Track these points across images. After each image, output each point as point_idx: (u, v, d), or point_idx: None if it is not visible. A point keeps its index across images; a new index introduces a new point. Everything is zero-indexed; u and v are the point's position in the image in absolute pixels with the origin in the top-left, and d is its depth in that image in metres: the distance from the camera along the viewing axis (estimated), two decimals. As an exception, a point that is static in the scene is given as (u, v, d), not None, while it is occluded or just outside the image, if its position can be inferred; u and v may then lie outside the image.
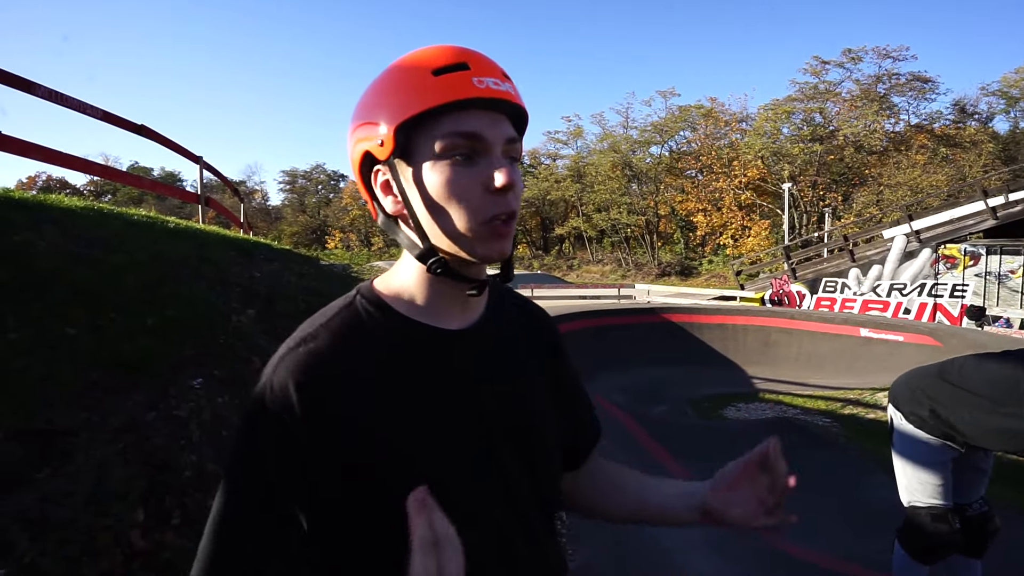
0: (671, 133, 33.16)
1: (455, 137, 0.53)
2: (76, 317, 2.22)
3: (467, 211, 0.54)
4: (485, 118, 0.54)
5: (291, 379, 0.52)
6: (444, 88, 0.52)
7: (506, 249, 0.57)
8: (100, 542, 1.37)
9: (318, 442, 0.52)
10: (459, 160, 0.54)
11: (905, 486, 1.92)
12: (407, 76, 0.54)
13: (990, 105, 28.56)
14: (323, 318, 0.59)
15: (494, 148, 0.54)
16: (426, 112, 0.53)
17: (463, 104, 0.53)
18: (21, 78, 4.17)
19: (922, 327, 8.52)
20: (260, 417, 0.53)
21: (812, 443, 4.65)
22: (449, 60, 0.54)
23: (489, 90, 0.53)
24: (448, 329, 0.60)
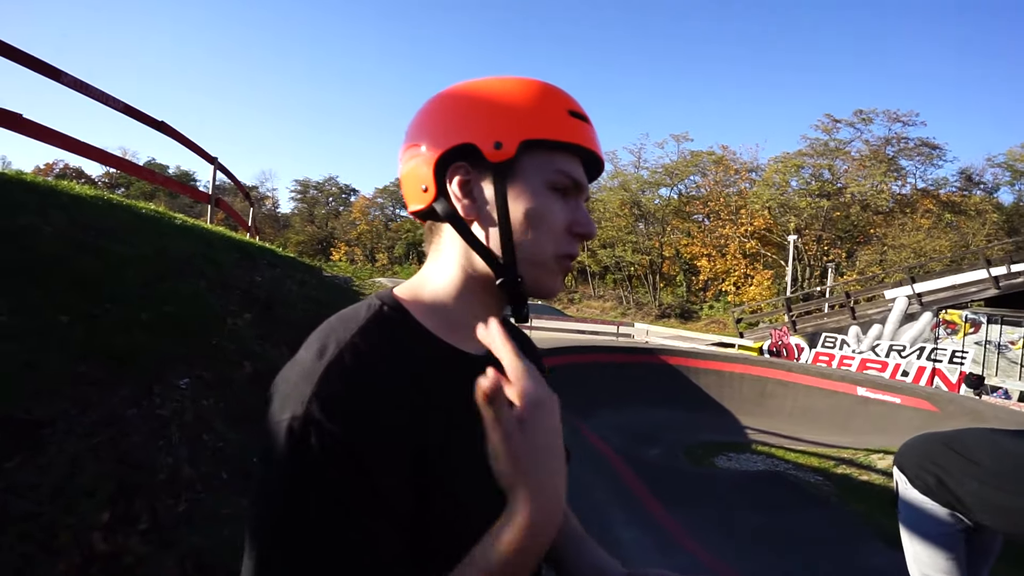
0: (681, 177, 33.69)
1: (567, 176, 0.57)
2: (71, 305, 2.19)
3: (551, 243, 0.57)
4: (585, 171, 0.60)
5: (347, 390, 0.47)
6: (577, 131, 0.57)
7: (561, 289, 0.61)
8: (60, 540, 1.32)
9: (381, 454, 0.47)
10: (558, 195, 0.57)
11: (913, 558, 1.84)
12: (545, 102, 0.57)
13: (995, 176, 29.11)
14: (353, 326, 0.53)
15: (582, 198, 0.60)
16: (559, 143, 0.56)
17: (580, 151, 0.58)
18: (48, 64, 4.26)
19: (920, 391, 8.42)
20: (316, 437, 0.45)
21: (804, 500, 4.54)
22: (577, 108, 0.58)
23: (599, 150, 0.60)
24: (471, 353, 0.58)
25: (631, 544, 3.32)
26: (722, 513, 4.16)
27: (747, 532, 3.76)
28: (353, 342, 0.51)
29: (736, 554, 3.33)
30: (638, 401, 7.73)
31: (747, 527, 3.87)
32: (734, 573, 3.09)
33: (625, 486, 4.46)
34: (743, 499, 4.54)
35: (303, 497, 0.45)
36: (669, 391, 8.41)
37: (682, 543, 3.46)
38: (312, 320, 3.60)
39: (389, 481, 0.47)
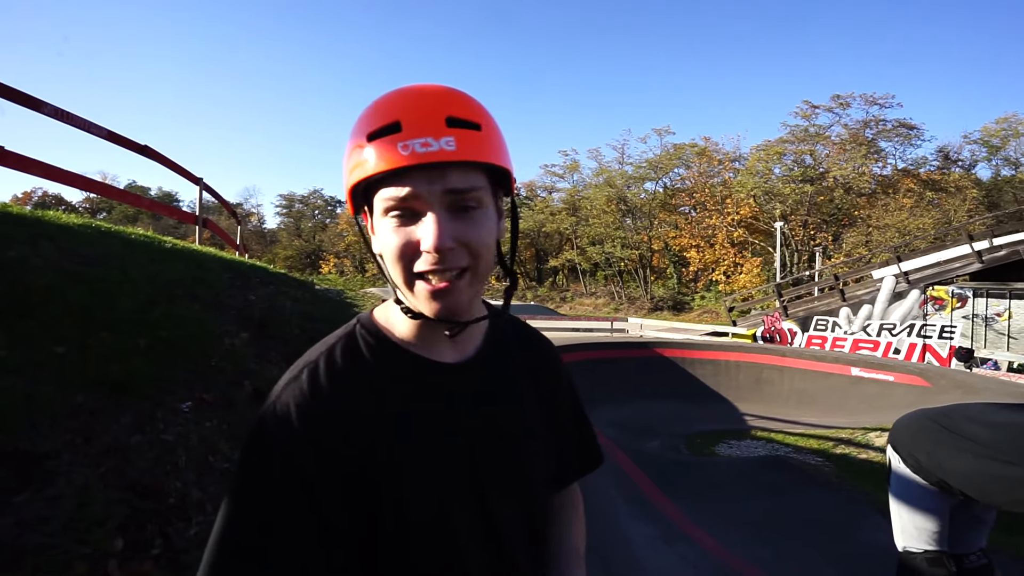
0: (666, 170, 33.90)
1: (390, 201, 0.54)
2: (67, 335, 2.19)
3: (405, 268, 0.55)
4: (423, 178, 0.52)
5: (293, 405, 0.54)
6: (375, 156, 0.53)
7: (453, 305, 0.55)
8: (76, 571, 1.32)
9: (321, 467, 0.52)
10: (400, 218, 0.54)
11: (900, 530, 1.89)
12: (353, 139, 0.55)
13: (973, 153, 29.57)
14: (324, 347, 0.60)
15: (431, 206, 0.53)
16: (362, 181, 0.54)
17: (393, 172, 0.52)
18: (27, 95, 4.23)
19: (912, 367, 8.56)
20: (265, 441, 0.53)
21: (805, 482, 4.60)
22: (382, 120, 0.53)
23: (414, 155, 0.51)
24: (443, 363, 0.61)
25: (637, 537, 3.36)
26: (725, 500, 4.21)
27: (751, 517, 3.81)
28: (316, 362, 0.58)
29: (742, 539, 3.38)
30: (636, 395, 7.79)
31: (751, 512, 3.92)
32: (740, 559, 3.13)
33: (628, 479, 4.49)
34: (745, 485, 4.60)
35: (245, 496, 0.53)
36: (666, 383, 8.47)
37: (687, 532, 3.50)
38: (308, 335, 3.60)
39: (322, 483, 0.52)
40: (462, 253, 0.54)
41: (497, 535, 0.61)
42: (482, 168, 0.55)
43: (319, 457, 0.52)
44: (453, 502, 0.58)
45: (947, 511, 1.80)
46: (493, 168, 0.56)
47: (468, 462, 0.60)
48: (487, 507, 0.60)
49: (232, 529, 0.52)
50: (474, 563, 0.59)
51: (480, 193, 0.55)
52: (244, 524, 0.52)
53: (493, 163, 0.55)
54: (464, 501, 0.59)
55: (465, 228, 0.54)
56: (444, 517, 0.57)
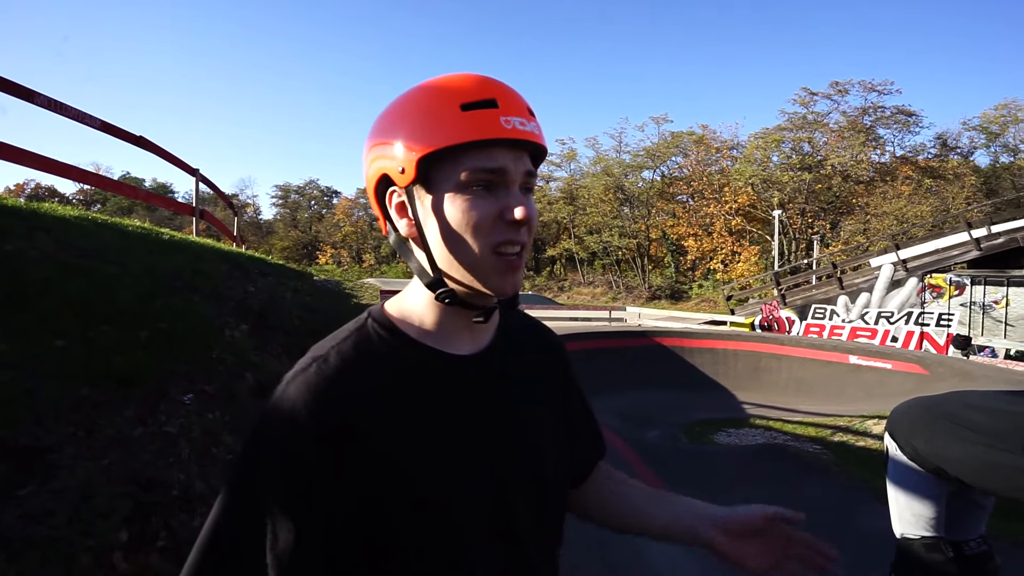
0: (663, 158, 33.77)
1: (479, 172, 0.54)
2: (66, 329, 2.18)
3: (482, 239, 0.54)
4: (509, 155, 0.55)
5: (300, 398, 0.53)
6: (472, 125, 0.53)
7: (518, 282, 0.58)
8: (81, 564, 1.33)
9: (325, 461, 0.52)
10: (478, 190, 0.54)
11: (898, 517, 1.91)
12: (435, 107, 0.54)
13: (971, 139, 29.50)
14: (335, 340, 0.59)
15: (514, 182, 0.55)
16: (452, 147, 0.53)
17: (489, 142, 0.53)
18: (21, 86, 4.17)
19: (910, 355, 8.60)
20: (268, 432, 0.53)
21: (804, 470, 4.64)
22: (478, 95, 0.54)
23: (516, 131, 0.54)
24: (457, 355, 0.60)
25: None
26: (724, 488, 4.24)
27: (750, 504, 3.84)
28: (327, 355, 0.56)
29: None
30: (634, 384, 7.81)
31: (749, 500, 3.90)
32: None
33: (628, 468, 4.53)
34: (744, 473, 4.64)
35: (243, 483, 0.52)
36: (664, 372, 8.50)
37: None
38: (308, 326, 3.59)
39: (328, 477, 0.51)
40: (527, 231, 0.57)
41: (512, 526, 0.60)
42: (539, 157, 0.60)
43: (324, 451, 0.51)
44: (469, 492, 0.57)
45: (944, 498, 1.82)
46: (538, 160, 0.60)
47: (483, 452, 0.59)
48: (504, 499, 0.59)
49: (226, 522, 0.51)
50: (488, 555, 0.58)
51: (535, 179, 0.59)
52: (239, 518, 0.51)
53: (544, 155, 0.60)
54: (481, 491, 0.58)
55: (531, 208, 0.57)
56: (460, 508, 0.56)
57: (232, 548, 0.51)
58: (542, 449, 0.65)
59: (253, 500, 0.51)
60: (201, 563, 0.50)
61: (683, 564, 2.90)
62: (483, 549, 0.58)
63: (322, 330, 0.64)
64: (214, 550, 0.51)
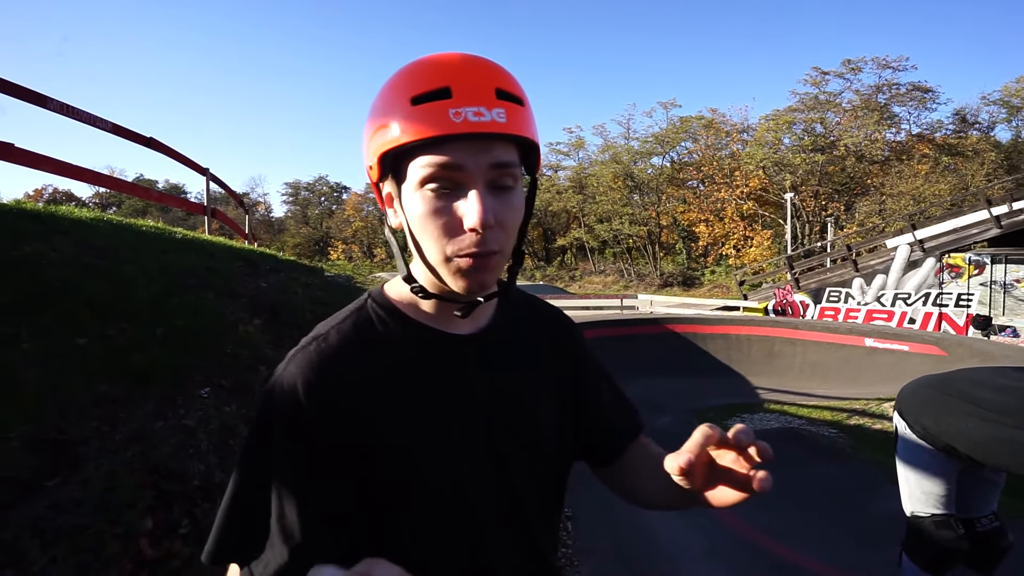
0: (672, 144, 33.35)
1: (432, 167, 0.51)
2: (87, 327, 2.24)
3: (437, 245, 0.53)
4: (465, 149, 0.50)
5: (300, 376, 0.54)
6: (420, 120, 0.50)
7: (484, 282, 0.55)
8: (110, 550, 1.38)
9: (324, 437, 0.53)
10: (439, 191, 0.52)
11: (908, 495, 1.91)
12: (389, 103, 0.52)
13: (991, 114, 28.69)
14: (335, 320, 0.60)
15: (475, 180, 0.51)
16: (406, 146, 0.51)
17: (442, 138, 0.50)
18: (33, 91, 4.25)
19: (927, 337, 8.47)
20: (269, 410, 0.55)
21: (819, 454, 4.62)
22: (430, 84, 0.50)
23: (467, 123, 0.49)
24: (456, 334, 0.61)
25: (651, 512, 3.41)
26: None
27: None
28: (326, 335, 0.58)
29: (756, 510, 3.42)
30: (647, 371, 7.80)
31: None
32: (753, 528, 3.18)
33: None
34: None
35: (251, 459, 0.55)
36: (677, 359, 8.48)
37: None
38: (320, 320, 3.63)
39: (332, 452, 0.53)
40: (498, 233, 0.53)
41: (514, 500, 0.61)
42: (517, 145, 0.54)
43: (327, 426, 0.53)
44: (470, 469, 0.59)
45: (954, 475, 1.81)
46: (525, 146, 0.55)
47: (483, 429, 0.60)
48: (504, 473, 0.61)
49: (241, 496, 0.54)
50: (490, 528, 0.60)
51: (516, 170, 0.54)
52: (250, 492, 0.54)
53: (533, 140, 0.54)
54: (482, 468, 0.59)
55: (502, 208, 0.53)
56: (461, 484, 0.58)
57: (249, 519, 0.53)
58: (542, 424, 0.65)
59: (260, 474, 0.54)
60: (222, 536, 0.54)
61: (690, 544, 2.91)
62: (487, 523, 0.59)
63: (332, 317, 0.66)
64: (232, 523, 0.54)
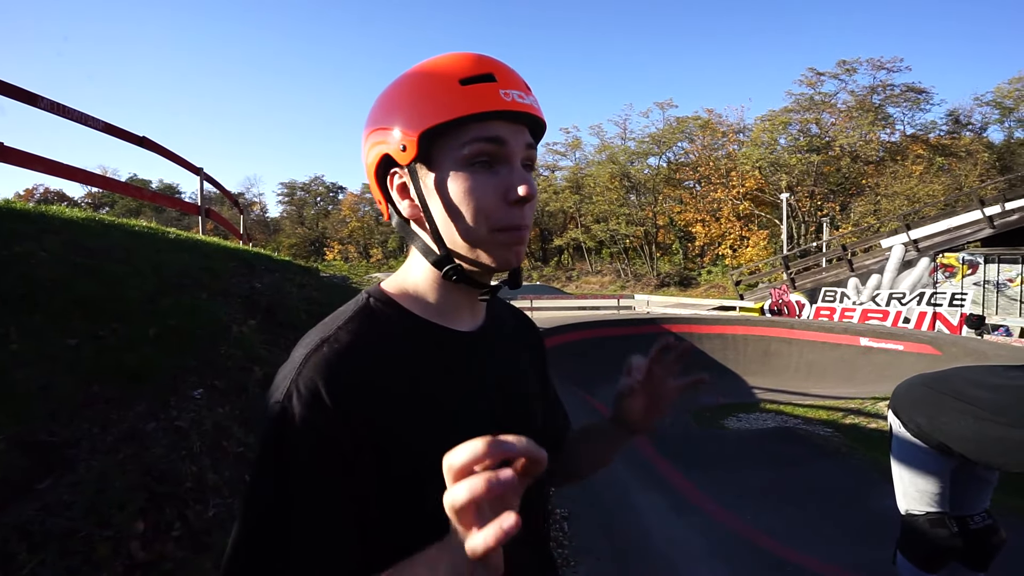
0: (669, 144, 33.42)
1: (481, 143, 0.54)
2: (77, 328, 2.22)
3: (484, 218, 0.55)
4: (509, 128, 0.55)
5: (320, 379, 0.51)
6: (472, 98, 0.53)
7: (520, 257, 0.59)
8: (100, 553, 1.36)
9: (352, 435, 0.51)
10: (480, 168, 0.55)
11: (902, 493, 1.91)
12: (433, 84, 0.55)
13: (984, 115, 28.86)
14: (340, 320, 0.58)
15: (515, 156, 0.56)
16: (454, 121, 0.53)
17: (489, 115, 0.54)
18: (23, 90, 4.21)
19: (922, 336, 8.52)
20: (292, 421, 0.50)
21: (815, 453, 4.63)
22: (475, 70, 0.55)
23: (515, 103, 0.54)
24: (461, 331, 0.62)
25: (646, 508, 3.41)
26: (735, 472, 4.25)
27: (760, 487, 3.85)
28: (336, 335, 0.55)
29: (752, 509, 3.42)
30: (644, 371, 7.80)
31: (760, 482, 3.97)
32: (749, 527, 3.18)
33: (637, 452, 4.54)
34: (755, 457, 4.64)
35: (276, 469, 0.50)
36: (674, 359, 8.49)
37: (697, 503, 3.54)
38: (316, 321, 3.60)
39: (357, 455, 0.51)
40: (531, 209, 0.57)
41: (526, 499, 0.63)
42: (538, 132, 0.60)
43: (351, 429, 0.51)
44: None
45: (948, 473, 1.81)
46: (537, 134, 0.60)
47: (492, 426, 0.60)
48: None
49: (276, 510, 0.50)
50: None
51: (535, 153, 0.59)
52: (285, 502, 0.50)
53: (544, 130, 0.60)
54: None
55: (532, 187, 0.57)
56: None
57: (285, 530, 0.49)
58: (536, 417, 0.70)
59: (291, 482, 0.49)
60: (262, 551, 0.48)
61: (687, 543, 2.91)
62: None
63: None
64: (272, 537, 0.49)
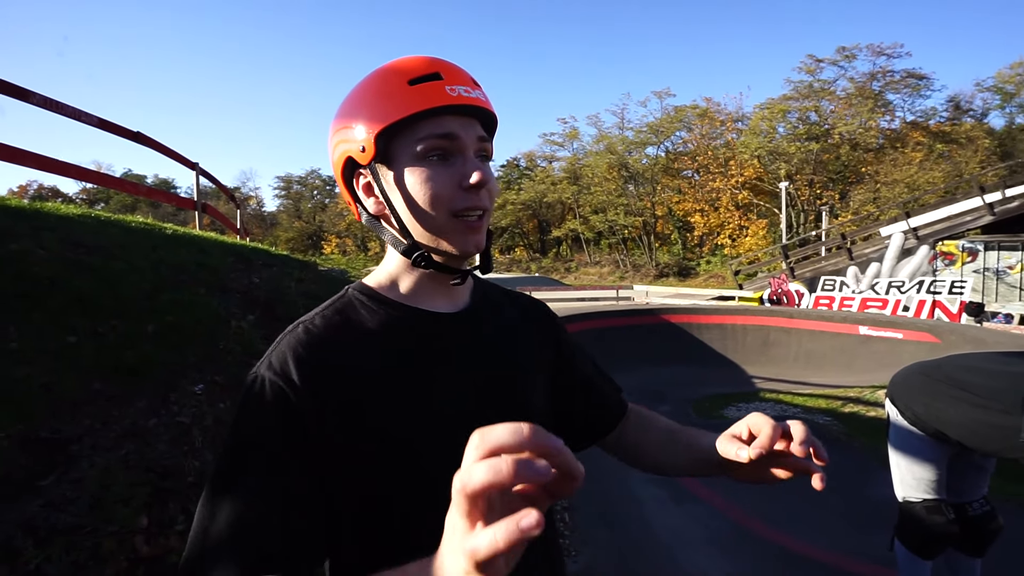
0: (667, 134, 33.25)
1: (433, 139, 0.57)
2: (77, 325, 2.22)
3: (442, 205, 0.58)
4: (458, 122, 0.59)
5: (290, 353, 0.55)
6: (420, 97, 0.57)
7: (480, 242, 0.61)
8: (105, 548, 1.37)
9: (318, 412, 0.54)
10: (435, 160, 0.58)
11: (900, 480, 1.92)
12: (385, 86, 0.59)
13: (985, 101, 28.72)
14: (319, 307, 0.63)
15: (468, 148, 0.59)
16: (405, 119, 0.57)
17: (438, 111, 0.57)
18: (16, 86, 4.17)
19: (921, 324, 8.53)
20: (260, 389, 0.54)
21: (813, 441, 4.66)
22: (423, 70, 0.58)
23: (461, 97, 0.58)
24: (440, 312, 0.64)
25: (647, 498, 3.44)
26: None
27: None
28: (312, 319, 0.60)
29: (750, 498, 3.45)
30: (643, 361, 7.83)
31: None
32: (749, 516, 3.20)
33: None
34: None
35: (242, 435, 0.54)
36: (673, 349, 8.51)
37: (697, 493, 3.57)
38: (316, 315, 3.56)
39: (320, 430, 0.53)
40: (487, 195, 0.60)
41: None
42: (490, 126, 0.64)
43: (318, 404, 0.53)
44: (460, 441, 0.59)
45: (945, 461, 1.83)
46: (490, 126, 0.64)
47: (474, 405, 0.61)
48: None
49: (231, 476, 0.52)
50: None
51: (490, 145, 0.63)
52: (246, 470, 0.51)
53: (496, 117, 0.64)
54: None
55: (488, 173, 0.60)
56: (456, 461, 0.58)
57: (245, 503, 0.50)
58: (531, 401, 0.69)
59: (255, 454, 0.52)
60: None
61: (704, 560, 2.93)
62: None
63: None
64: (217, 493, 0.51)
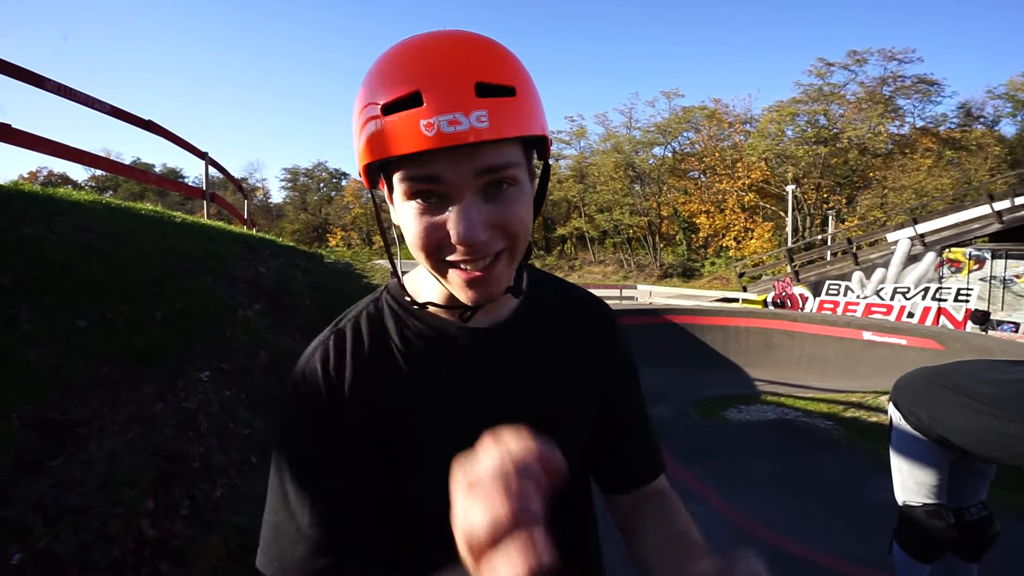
0: (674, 134, 33.12)
1: (413, 182, 0.47)
2: (86, 309, 2.24)
3: (431, 258, 0.50)
4: (444, 159, 0.45)
5: (320, 364, 0.56)
6: (392, 134, 0.45)
7: (489, 292, 0.51)
8: (112, 529, 1.39)
9: (346, 422, 0.55)
10: (423, 204, 0.48)
11: (900, 484, 1.93)
12: (365, 100, 0.48)
13: (996, 108, 28.42)
14: (351, 314, 0.62)
15: (460, 191, 0.47)
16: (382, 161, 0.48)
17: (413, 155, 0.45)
18: (30, 72, 4.20)
19: (925, 331, 8.49)
20: (294, 401, 0.56)
21: (814, 445, 4.65)
22: (401, 88, 0.45)
23: (440, 136, 0.44)
24: (472, 327, 0.60)
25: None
26: (734, 463, 4.28)
27: (760, 479, 3.88)
28: (343, 327, 0.60)
29: (751, 499, 3.45)
30: (645, 361, 7.67)
31: (760, 473, 3.99)
32: (748, 517, 3.21)
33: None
34: (754, 448, 4.66)
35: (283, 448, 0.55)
36: (676, 349, 8.50)
37: (696, 492, 3.58)
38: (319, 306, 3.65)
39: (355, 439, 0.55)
40: (497, 238, 0.49)
41: None
42: (518, 140, 0.48)
43: (347, 419, 0.54)
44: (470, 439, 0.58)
45: (946, 466, 1.83)
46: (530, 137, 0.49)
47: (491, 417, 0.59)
48: None
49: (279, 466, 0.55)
50: None
51: (515, 170, 0.48)
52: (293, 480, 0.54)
53: (531, 134, 0.48)
54: None
55: (499, 210, 0.48)
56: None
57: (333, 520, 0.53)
58: (560, 418, 0.63)
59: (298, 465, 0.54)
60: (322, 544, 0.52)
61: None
62: None
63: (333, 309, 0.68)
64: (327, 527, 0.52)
